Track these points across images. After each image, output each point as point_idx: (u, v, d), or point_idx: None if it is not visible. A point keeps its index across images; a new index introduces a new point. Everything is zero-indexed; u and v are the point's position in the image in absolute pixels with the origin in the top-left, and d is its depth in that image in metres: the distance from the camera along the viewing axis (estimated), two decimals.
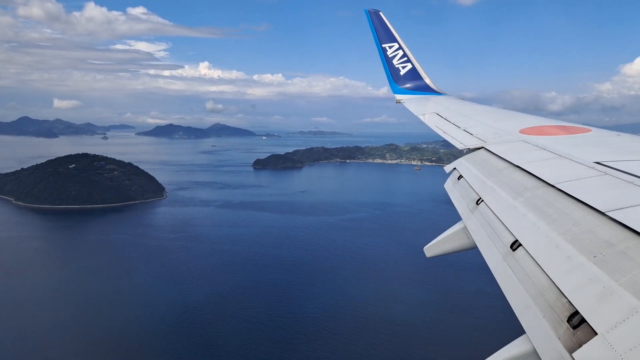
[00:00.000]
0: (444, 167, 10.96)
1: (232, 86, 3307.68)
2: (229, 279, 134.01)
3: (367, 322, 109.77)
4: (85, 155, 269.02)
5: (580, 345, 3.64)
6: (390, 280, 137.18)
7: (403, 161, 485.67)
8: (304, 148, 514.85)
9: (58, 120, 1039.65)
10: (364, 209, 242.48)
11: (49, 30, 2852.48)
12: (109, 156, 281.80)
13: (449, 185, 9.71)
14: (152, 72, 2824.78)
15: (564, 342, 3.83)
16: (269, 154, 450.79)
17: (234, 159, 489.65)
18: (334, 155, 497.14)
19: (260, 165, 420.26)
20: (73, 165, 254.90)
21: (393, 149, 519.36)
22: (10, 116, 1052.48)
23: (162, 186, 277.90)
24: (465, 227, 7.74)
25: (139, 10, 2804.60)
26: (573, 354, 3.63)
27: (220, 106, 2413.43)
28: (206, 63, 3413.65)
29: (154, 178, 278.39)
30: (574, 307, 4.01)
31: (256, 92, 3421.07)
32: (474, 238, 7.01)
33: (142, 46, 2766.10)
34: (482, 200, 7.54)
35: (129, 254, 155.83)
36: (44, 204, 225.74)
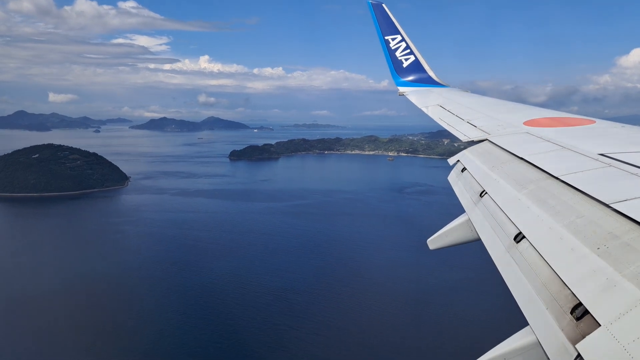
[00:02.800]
0: (448, 160, 10.83)
1: (233, 80, 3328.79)
2: (142, 256, 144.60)
3: (253, 288, 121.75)
4: (49, 146, 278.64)
5: (583, 337, 3.63)
6: (297, 256, 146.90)
7: (381, 152, 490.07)
8: (286, 140, 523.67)
9: (54, 114, 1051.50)
10: (315, 196, 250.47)
11: (42, 25, 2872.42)
12: (86, 149, 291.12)
13: (453, 178, 9.63)
14: (152, 66, 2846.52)
15: (567, 334, 3.83)
16: (248, 146, 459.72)
17: (214, 150, 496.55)
18: (313, 147, 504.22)
19: (235, 156, 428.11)
20: (36, 155, 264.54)
21: (372, 141, 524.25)
22: (8, 110, 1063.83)
23: (125, 175, 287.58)
24: (468, 220, 7.73)
25: (129, 4, 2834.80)
26: (576, 345, 3.61)
27: (212, 99, 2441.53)
28: (206, 57, 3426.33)
29: (117, 167, 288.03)
30: (578, 298, 3.99)
31: (256, 86, 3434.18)
32: (477, 230, 7.02)
33: (144, 40, 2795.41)
34: (486, 193, 7.53)
35: (61, 236, 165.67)
36: (3, 192, 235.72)
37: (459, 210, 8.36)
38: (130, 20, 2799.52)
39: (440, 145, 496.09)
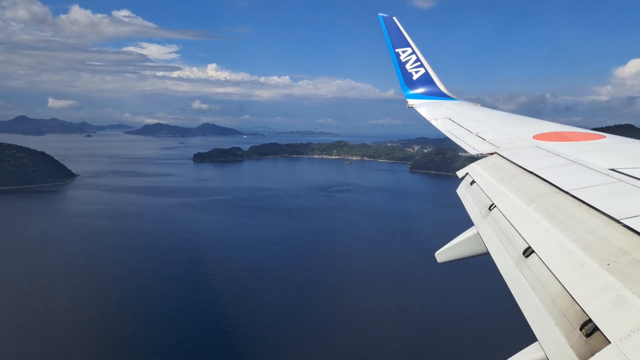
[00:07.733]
0: (457, 173, 10.70)
1: (239, 88, 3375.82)
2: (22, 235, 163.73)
3: (97, 260, 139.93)
4: None
5: (592, 354, 3.58)
6: (164, 239, 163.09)
7: (346, 156, 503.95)
8: (259, 144, 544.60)
9: (53, 119, 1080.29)
10: (238, 193, 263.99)
11: (39, 33, 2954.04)
12: (65, 150, 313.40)
13: (462, 191, 9.61)
14: (159, 73, 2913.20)
15: (577, 350, 3.78)
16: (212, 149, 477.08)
17: (184, 153, 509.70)
18: (283, 151, 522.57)
19: (199, 158, 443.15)
20: None
21: (341, 146, 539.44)
22: (11, 115, 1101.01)
23: (71, 173, 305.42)
24: (477, 233, 7.70)
25: (122, 13, 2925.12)
26: None
27: (205, 106, 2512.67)
28: (214, 65, 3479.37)
29: (63, 166, 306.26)
30: (587, 315, 3.94)
31: (263, 94, 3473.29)
32: (486, 244, 6.96)
33: (154, 48, 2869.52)
34: (495, 206, 7.49)
35: None
36: None
37: (364, 205, 14.82)
38: (124, 29, 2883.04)
39: (408, 151, 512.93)
